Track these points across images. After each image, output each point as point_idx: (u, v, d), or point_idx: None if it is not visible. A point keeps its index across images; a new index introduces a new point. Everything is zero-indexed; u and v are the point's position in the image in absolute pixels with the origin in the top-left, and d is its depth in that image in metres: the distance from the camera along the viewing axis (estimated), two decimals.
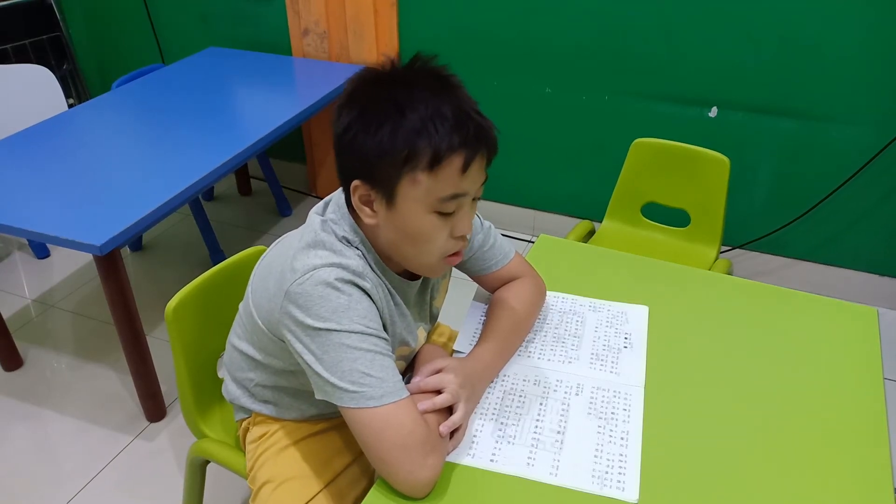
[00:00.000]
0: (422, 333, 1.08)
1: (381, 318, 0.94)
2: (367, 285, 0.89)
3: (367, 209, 0.89)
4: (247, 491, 1.65)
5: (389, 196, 0.86)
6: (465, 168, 0.85)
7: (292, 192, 2.99)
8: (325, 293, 0.85)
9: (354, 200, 0.89)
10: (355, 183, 0.87)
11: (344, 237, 0.92)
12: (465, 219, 0.90)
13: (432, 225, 0.88)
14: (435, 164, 0.83)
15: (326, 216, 0.94)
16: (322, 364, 0.86)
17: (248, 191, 3.00)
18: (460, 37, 2.37)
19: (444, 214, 0.88)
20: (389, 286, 0.97)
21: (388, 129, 0.82)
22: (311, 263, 0.87)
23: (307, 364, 0.87)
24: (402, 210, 0.87)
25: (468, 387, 0.95)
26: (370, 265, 0.93)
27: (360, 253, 0.92)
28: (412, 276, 1.01)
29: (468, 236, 0.94)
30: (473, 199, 0.91)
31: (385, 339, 0.89)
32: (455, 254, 0.93)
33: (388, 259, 0.95)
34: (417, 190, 0.85)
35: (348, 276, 0.87)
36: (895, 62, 1.93)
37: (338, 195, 0.96)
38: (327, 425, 1.11)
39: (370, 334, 0.87)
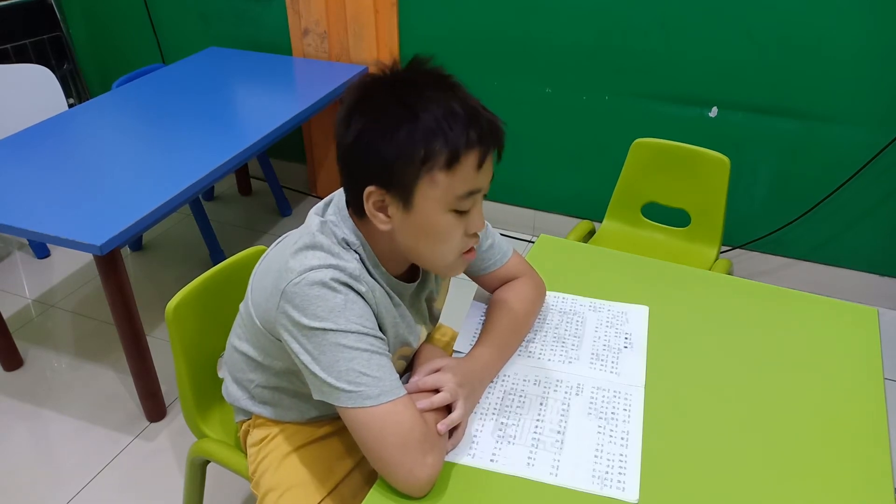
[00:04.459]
0: (423, 333, 1.08)
1: (381, 320, 0.94)
2: (362, 289, 0.89)
3: (381, 215, 0.88)
4: (247, 491, 1.65)
5: (406, 199, 0.86)
6: (480, 164, 0.86)
7: (292, 192, 2.99)
8: (321, 293, 0.85)
9: (368, 208, 0.88)
10: (369, 189, 0.87)
11: (343, 239, 0.92)
12: (478, 216, 0.91)
13: (449, 224, 0.88)
14: (453, 161, 0.83)
15: (326, 217, 0.94)
16: (318, 364, 0.86)
17: (248, 191, 3.00)
18: (460, 37, 2.38)
19: (460, 213, 0.88)
20: (388, 288, 0.97)
21: (404, 131, 0.82)
22: (307, 264, 0.87)
23: (304, 364, 0.87)
24: (419, 212, 0.87)
25: (467, 386, 0.95)
26: (367, 269, 0.93)
27: (358, 256, 0.92)
28: (409, 279, 1.01)
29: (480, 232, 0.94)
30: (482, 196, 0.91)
31: (381, 338, 0.89)
32: (470, 250, 0.94)
33: (387, 261, 0.95)
34: (436, 190, 0.85)
35: (344, 278, 0.87)
36: (895, 62, 1.93)
37: (338, 196, 0.96)
38: (329, 430, 1.11)
39: (366, 334, 0.87)
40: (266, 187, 3.02)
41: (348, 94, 0.88)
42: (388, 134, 0.83)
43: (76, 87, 3.02)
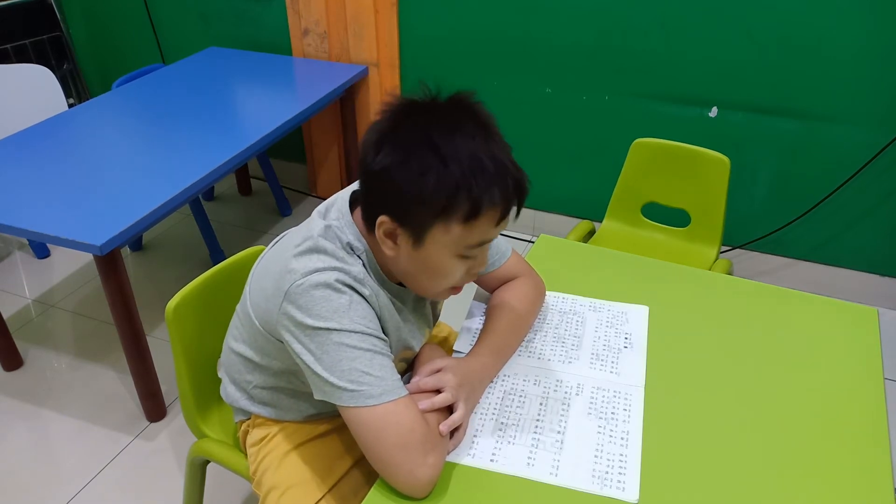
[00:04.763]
0: (426, 336, 1.08)
1: (384, 323, 0.94)
2: (366, 292, 0.89)
3: (389, 242, 0.89)
4: (247, 490, 1.65)
5: (418, 237, 0.86)
6: (498, 221, 0.87)
7: (292, 192, 2.99)
8: (325, 294, 0.86)
9: (378, 234, 0.89)
10: (382, 218, 0.87)
11: (348, 244, 0.92)
12: (483, 259, 0.93)
13: (454, 266, 0.90)
14: (472, 217, 0.84)
15: (330, 221, 0.94)
16: (321, 364, 0.86)
17: (248, 191, 3.00)
18: (460, 37, 2.37)
19: (467, 257, 0.89)
20: (390, 294, 0.97)
21: (430, 178, 0.82)
22: (311, 266, 0.87)
23: (306, 364, 0.87)
24: (427, 251, 0.87)
25: (467, 386, 0.95)
26: (370, 274, 0.94)
27: (362, 262, 0.93)
28: None
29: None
30: None
31: (384, 339, 0.89)
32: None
33: (388, 269, 0.96)
34: (448, 237, 0.85)
35: (348, 280, 0.88)
36: (895, 62, 1.93)
37: (341, 200, 0.96)
38: (328, 427, 1.11)
39: (369, 334, 0.87)
40: (266, 187, 3.02)
41: (382, 114, 0.87)
42: (413, 177, 0.82)
43: (76, 87, 3.02)
